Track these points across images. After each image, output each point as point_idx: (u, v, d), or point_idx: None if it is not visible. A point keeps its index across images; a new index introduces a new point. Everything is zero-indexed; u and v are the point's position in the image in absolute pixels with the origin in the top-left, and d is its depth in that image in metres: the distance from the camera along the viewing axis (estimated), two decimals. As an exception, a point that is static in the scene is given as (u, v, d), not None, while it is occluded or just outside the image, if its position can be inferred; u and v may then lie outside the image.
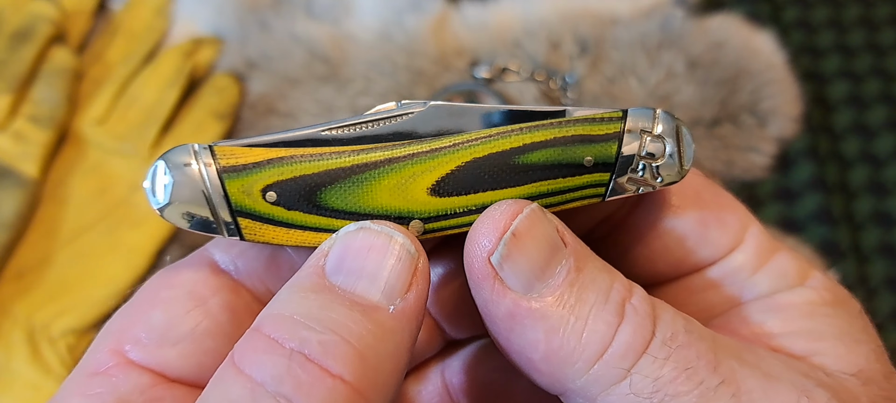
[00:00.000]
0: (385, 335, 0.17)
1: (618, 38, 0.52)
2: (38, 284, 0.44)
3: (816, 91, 0.52)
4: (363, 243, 0.18)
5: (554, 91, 0.51)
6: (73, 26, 0.53)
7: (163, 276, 0.20)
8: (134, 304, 0.19)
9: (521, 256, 0.18)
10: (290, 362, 0.16)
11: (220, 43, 0.53)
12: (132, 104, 0.49)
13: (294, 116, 0.50)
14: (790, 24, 0.55)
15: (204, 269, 0.20)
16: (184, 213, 0.18)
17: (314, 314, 0.17)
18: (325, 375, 0.16)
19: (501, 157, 0.19)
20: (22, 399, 0.42)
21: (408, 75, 0.51)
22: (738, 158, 0.49)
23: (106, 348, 0.19)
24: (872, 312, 0.46)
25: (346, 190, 0.18)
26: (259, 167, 0.18)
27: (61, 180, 0.47)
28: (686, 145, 0.19)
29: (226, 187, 0.18)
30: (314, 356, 0.16)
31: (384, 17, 0.53)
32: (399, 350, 0.17)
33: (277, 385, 0.15)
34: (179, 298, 0.19)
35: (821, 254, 0.46)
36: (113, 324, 0.19)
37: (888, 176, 0.50)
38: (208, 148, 0.18)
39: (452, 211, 0.19)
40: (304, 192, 0.18)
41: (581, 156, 0.19)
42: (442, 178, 0.18)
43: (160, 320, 0.19)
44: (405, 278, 0.18)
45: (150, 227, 0.46)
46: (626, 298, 0.19)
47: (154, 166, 0.18)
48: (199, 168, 0.18)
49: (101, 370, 0.18)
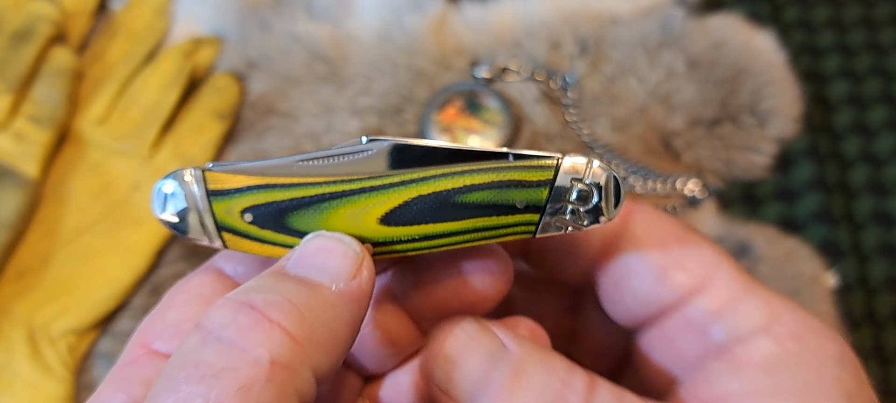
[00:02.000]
0: (326, 305, 0.20)
1: (618, 37, 0.52)
2: (38, 284, 0.44)
3: (817, 91, 0.53)
4: (316, 245, 0.21)
5: (554, 90, 0.51)
6: (74, 26, 0.53)
7: (179, 285, 0.24)
8: (157, 309, 0.24)
9: (457, 375, 0.22)
10: (236, 312, 0.19)
11: (220, 43, 0.53)
12: (132, 104, 0.49)
13: (294, 116, 0.50)
14: (790, 24, 0.55)
15: (211, 276, 0.24)
16: (180, 224, 0.22)
17: (266, 285, 0.20)
18: (265, 320, 0.18)
19: (443, 196, 0.21)
20: (22, 399, 0.42)
21: (408, 75, 0.51)
22: (738, 158, 0.49)
23: (136, 344, 0.23)
24: (872, 313, 0.46)
25: (309, 216, 0.22)
26: (240, 192, 0.22)
27: (61, 180, 0.47)
28: (613, 194, 0.22)
29: (212, 207, 0.21)
30: (258, 306, 0.19)
31: (384, 17, 0.53)
32: (338, 321, 0.20)
33: (223, 330, 0.18)
34: (190, 301, 0.23)
35: (821, 254, 0.46)
36: (141, 326, 0.23)
37: (888, 175, 0.50)
38: (201, 172, 0.22)
39: (398, 239, 0.22)
40: (275, 215, 0.22)
41: (514, 198, 0.21)
42: (390, 211, 0.22)
43: (174, 318, 0.22)
44: (350, 269, 0.20)
45: (151, 227, 0.46)
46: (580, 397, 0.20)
47: (160, 183, 0.22)
48: (193, 188, 0.22)
49: (132, 360, 0.22)
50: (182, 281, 0.24)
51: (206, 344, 0.18)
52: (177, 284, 0.24)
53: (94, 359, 0.44)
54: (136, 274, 0.45)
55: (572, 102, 0.51)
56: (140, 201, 0.47)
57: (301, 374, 0.18)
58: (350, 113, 0.50)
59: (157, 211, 0.22)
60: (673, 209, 0.48)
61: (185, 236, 0.22)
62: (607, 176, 0.22)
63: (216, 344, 0.18)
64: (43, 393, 0.42)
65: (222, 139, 0.50)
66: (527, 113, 0.51)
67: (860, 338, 0.45)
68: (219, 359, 0.18)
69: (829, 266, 0.46)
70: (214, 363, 0.18)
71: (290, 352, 0.18)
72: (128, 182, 0.47)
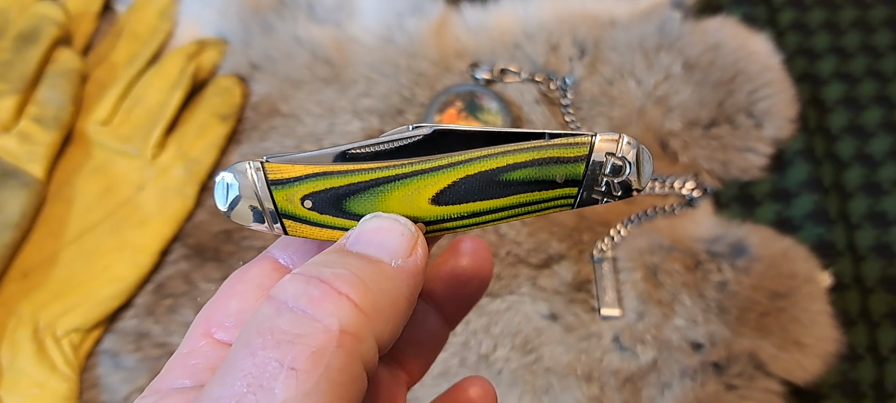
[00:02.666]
0: (387, 279, 0.21)
1: (616, 40, 0.52)
2: (43, 283, 0.45)
3: (812, 92, 0.53)
4: (374, 224, 0.23)
5: (553, 92, 0.52)
6: (78, 28, 0.53)
7: (237, 275, 0.25)
8: (216, 298, 0.24)
9: None
10: (307, 284, 0.20)
11: (223, 45, 0.53)
12: (136, 105, 0.50)
13: (297, 117, 0.51)
14: (786, 27, 0.56)
15: (268, 266, 0.25)
16: (245, 213, 0.23)
17: (332, 260, 0.21)
18: (335, 292, 0.20)
19: (489, 175, 0.23)
20: (27, 397, 0.42)
21: (409, 77, 0.52)
22: (734, 159, 0.49)
23: (198, 332, 0.23)
24: (867, 312, 0.47)
25: (365, 199, 0.23)
26: (299, 181, 0.23)
27: (66, 180, 0.48)
28: (644, 165, 0.24)
29: (273, 196, 0.23)
30: (327, 279, 0.20)
31: (386, 19, 0.53)
32: (398, 293, 0.21)
33: (296, 300, 0.20)
34: (251, 290, 0.24)
35: (816, 254, 0.46)
36: (201, 315, 0.24)
37: (883, 176, 0.50)
38: (261, 164, 0.23)
39: (449, 216, 0.24)
40: (333, 201, 0.23)
41: (554, 174, 0.23)
42: (441, 191, 0.23)
43: (237, 307, 0.24)
44: (406, 247, 0.22)
45: (155, 227, 0.47)
46: None
47: (221, 176, 0.23)
48: (253, 180, 0.23)
49: (195, 348, 0.23)
50: (240, 271, 0.25)
51: (280, 314, 0.19)
52: (235, 274, 0.25)
53: (98, 357, 0.45)
54: (140, 273, 0.46)
55: (571, 104, 0.51)
56: (144, 201, 0.47)
57: (366, 341, 0.20)
58: (351, 114, 0.51)
59: (220, 204, 0.23)
60: (671, 209, 0.48)
61: (247, 225, 0.23)
62: (637, 149, 0.23)
63: (289, 314, 0.19)
64: (48, 391, 0.42)
65: (225, 140, 0.50)
66: (526, 114, 0.51)
67: (855, 337, 0.45)
68: (292, 327, 0.19)
69: (824, 265, 0.46)
70: (289, 330, 0.19)
71: (356, 321, 0.19)
72: (132, 182, 0.48)
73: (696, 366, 0.43)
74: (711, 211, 0.49)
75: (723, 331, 0.44)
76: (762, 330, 0.44)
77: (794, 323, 0.44)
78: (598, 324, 0.45)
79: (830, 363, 0.44)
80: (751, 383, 0.43)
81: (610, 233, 0.47)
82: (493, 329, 0.45)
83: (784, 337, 0.44)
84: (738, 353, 0.43)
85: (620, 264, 0.46)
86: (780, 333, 0.44)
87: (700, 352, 0.44)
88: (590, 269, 0.46)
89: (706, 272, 0.45)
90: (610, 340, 0.44)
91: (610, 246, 0.47)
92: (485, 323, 0.45)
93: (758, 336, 0.44)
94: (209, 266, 0.47)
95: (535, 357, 0.44)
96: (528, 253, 0.46)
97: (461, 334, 0.45)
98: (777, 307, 0.44)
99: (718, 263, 0.46)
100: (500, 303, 0.45)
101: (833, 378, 0.44)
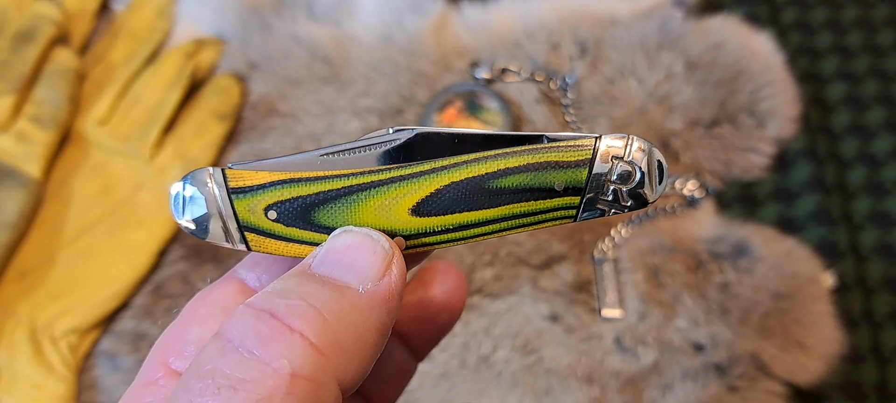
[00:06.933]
0: (352, 309, 0.18)
1: (617, 38, 0.52)
2: (40, 284, 0.45)
3: (815, 92, 0.53)
4: (343, 241, 0.20)
5: (554, 91, 0.52)
6: (76, 27, 0.53)
7: (199, 297, 0.22)
8: (176, 322, 0.22)
9: None
10: (256, 320, 0.18)
11: (221, 44, 0.53)
12: (134, 105, 0.49)
13: (295, 117, 0.51)
14: (789, 26, 0.55)
15: (232, 288, 0.22)
16: (200, 229, 0.21)
17: (289, 288, 0.18)
18: (286, 329, 0.17)
19: (477, 181, 0.20)
20: (25, 398, 0.42)
21: (408, 76, 0.51)
22: (736, 159, 0.49)
23: (155, 360, 0.21)
24: (870, 312, 0.46)
25: (337, 210, 0.20)
26: (262, 189, 0.20)
27: (64, 180, 0.48)
28: (656, 171, 0.20)
29: (234, 206, 0.20)
30: (279, 314, 0.18)
31: (385, 18, 0.53)
32: (365, 326, 0.18)
33: (242, 340, 0.17)
34: (213, 315, 0.21)
35: (819, 254, 0.46)
36: (160, 341, 0.22)
37: (886, 176, 0.50)
38: (221, 171, 0.20)
39: (431, 229, 0.21)
40: (300, 211, 0.20)
41: (552, 181, 0.20)
42: (422, 200, 0.20)
43: (197, 334, 0.21)
44: (378, 268, 0.19)
45: (153, 227, 0.46)
46: None
47: (178, 186, 0.20)
48: (212, 189, 0.20)
49: (151, 380, 0.21)
50: (203, 292, 0.22)
51: (224, 354, 0.17)
52: (197, 296, 0.22)
53: (95, 358, 0.45)
54: (137, 273, 0.45)
55: (572, 103, 0.51)
56: (142, 201, 0.47)
57: (324, 385, 0.17)
58: (351, 113, 0.50)
59: (176, 216, 0.20)
60: (672, 209, 0.48)
61: (206, 239, 0.21)
62: (649, 153, 0.20)
63: (234, 354, 0.17)
64: (45, 392, 0.42)
65: (224, 139, 0.50)
66: (526, 113, 0.51)
67: (858, 338, 0.45)
68: (236, 370, 0.17)
69: (827, 266, 0.46)
70: (232, 374, 0.17)
71: (312, 363, 0.17)
72: (130, 182, 0.48)
73: (698, 368, 0.43)
74: (713, 211, 0.48)
75: (725, 332, 0.43)
76: (764, 332, 0.44)
77: (796, 325, 0.44)
78: (599, 325, 0.44)
79: (833, 364, 0.43)
80: (753, 384, 0.43)
81: (611, 234, 0.47)
82: (493, 330, 0.44)
83: (786, 339, 0.43)
84: (740, 354, 0.43)
85: (622, 265, 0.46)
86: (783, 334, 0.43)
87: (702, 354, 0.43)
88: (591, 270, 0.46)
89: (708, 273, 0.45)
90: (611, 341, 0.44)
91: (611, 246, 0.47)
92: (485, 325, 0.44)
93: (760, 337, 0.43)
94: (207, 266, 0.46)
95: (536, 358, 0.44)
96: (529, 254, 0.46)
97: (461, 335, 0.44)
98: (779, 308, 0.44)
99: (720, 264, 0.45)
100: (501, 304, 0.45)
101: (835, 379, 0.44)
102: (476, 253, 0.46)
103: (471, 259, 0.46)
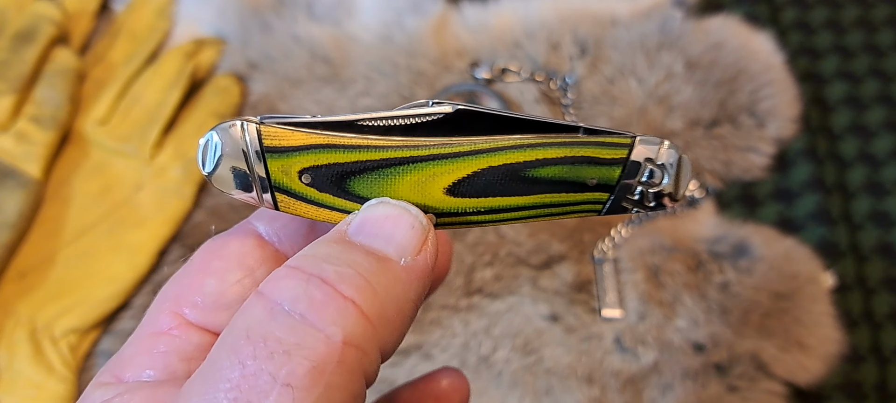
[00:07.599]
0: (395, 281, 0.18)
1: (617, 38, 0.52)
2: (40, 284, 0.45)
3: (815, 92, 0.53)
4: (382, 213, 0.20)
5: (554, 91, 0.52)
6: (76, 27, 0.53)
7: (213, 247, 0.21)
8: (187, 272, 0.21)
9: None
10: (308, 284, 0.17)
11: (221, 44, 0.53)
12: (134, 105, 0.49)
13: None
14: (789, 26, 0.55)
15: (250, 241, 0.21)
16: (226, 178, 0.20)
17: (334, 255, 0.18)
18: (339, 296, 0.17)
19: (514, 168, 0.20)
20: (25, 398, 0.42)
21: (408, 76, 0.51)
22: (736, 158, 0.49)
23: (164, 308, 0.21)
24: (870, 312, 0.46)
25: (372, 180, 0.20)
26: (298, 151, 0.20)
27: (64, 180, 0.48)
28: (684, 177, 0.21)
29: (267, 164, 0.20)
30: (330, 280, 0.17)
31: (385, 18, 0.53)
32: (405, 298, 0.19)
33: (294, 304, 0.17)
34: (230, 268, 0.21)
35: (819, 254, 0.46)
36: (169, 290, 0.21)
37: (886, 176, 0.50)
38: (256, 126, 0.20)
39: (464, 210, 0.21)
40: (335, 178, 0.20)
41: (586, 175, 0.20)
42: (458, 181, 0.20)
43: (214, 287, 0.21)
44: (416, 243, 0.19)
45: (153, 227, 0.46)
46: None
47: (207, 137, 0.20)
48: (245, 145, 0.20)
49: (164, 330, 0.20)
50: (215, 243, 0.21)
51: (274, 318, 0.17)
52: (209, 246, 0.21)
53: (95, 358, 0.45)
54: (137, 273, 0.45)
55: (572, 103, 0.51)
56: (142, 201, 0.47)
57: (370, 355, 0.17)
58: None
59: (204, 169, 0.20)
60: (672, 209, 0.48)
61: (231, 195, 0.20)
62: (678, 158, 0.21)
63: (286, 318, 0.17)
64: (45, 392, 0.42)
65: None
66: (526, 113, 0.51)
67: (858, 338, 0.45)
68: (289, 335, 0.16)
69: (827, 266, 0.46)
70: (284, 339, 0.16)
71: (362, 332, 0.17)
72: (130, 182, 0.48)
73: (698, 368, 0.43)
74: (713, 211, 0.48)
75: (725, 332, 0.43)
76: (764, 331, 0.44)
77: (796, 324, 0.44)
78: (599, 325, 0.44)
79: (833, 364, 0.43)
80: (753, 384, 0.43)
81: (611, 234, 0.47)
82: (493, 330, 0.44)
83: (786, 338, 0.43)
84: (740, 354, 0.43)
85: (622, 265, 0.46)
86: (783, 334, 0.43)
87: (702, 354, 0.43)
88: (591, 270, 0.46)
89: (708, 273, 0.45)
90: (611, 341, 0.44)
91: (611, 246, 0.47)
92: (485, 325, 0.44)
93: (760, 337, 0.43)
94: (207, 266, 0.46)
95: (536, 358, 0.44)
96: (529, 254, 0.46)
97: (461, 335, 0.44)
98: (779, 308, 0.44)
99: (720, 264, 0.45)
100: (501, 304, 0.45)
101: (835, 379, 0.44)
102: (476, 254, 0.46)
103: (471, 259, 0.46)
